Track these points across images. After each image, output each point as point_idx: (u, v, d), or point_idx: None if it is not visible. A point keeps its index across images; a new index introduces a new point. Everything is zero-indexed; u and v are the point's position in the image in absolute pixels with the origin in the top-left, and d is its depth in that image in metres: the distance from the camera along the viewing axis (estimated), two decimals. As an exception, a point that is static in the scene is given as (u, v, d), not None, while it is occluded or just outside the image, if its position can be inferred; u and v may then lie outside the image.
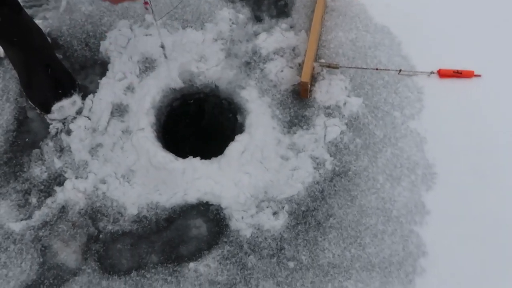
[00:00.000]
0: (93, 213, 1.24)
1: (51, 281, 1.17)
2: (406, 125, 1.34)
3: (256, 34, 1.47)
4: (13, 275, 1.18)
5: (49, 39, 1.42)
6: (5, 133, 1.33)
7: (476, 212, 1.23)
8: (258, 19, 1.51)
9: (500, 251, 1.19)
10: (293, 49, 1.45)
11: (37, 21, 1.41)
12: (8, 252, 1.20)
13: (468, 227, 1.21)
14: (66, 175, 1.27)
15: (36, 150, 1.31)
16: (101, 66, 1.42)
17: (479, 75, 1.41)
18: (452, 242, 1.20)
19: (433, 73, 1.41)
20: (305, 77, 1.32)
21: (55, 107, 1.31)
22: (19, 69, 1.35)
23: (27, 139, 1.33)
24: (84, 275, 1.18)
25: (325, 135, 1.32)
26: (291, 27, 1.49)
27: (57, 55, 1.40)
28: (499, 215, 1.23)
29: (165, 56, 1.31)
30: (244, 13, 1.51)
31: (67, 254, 1.20)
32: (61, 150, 1.31)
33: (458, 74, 1.40)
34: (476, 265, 1.17)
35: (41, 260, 1.19)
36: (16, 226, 1.22)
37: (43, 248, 1.20)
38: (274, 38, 1.46)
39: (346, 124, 1.34)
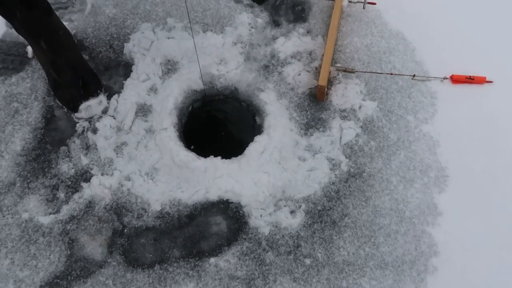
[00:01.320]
0: (118, 209, 1.29)
1: (78, 273, 1.23)
2: (419, 129, 1.39)
3: (274, 38, 1.52)
4: (42, 266, 1.23)
5: (75, 41, 1.47)
6: (34, 130, 1.39)
7: (487, 214, 1.27)
8: (276, 24, 1.56)
9: (511, 252, 1.23)
10: (310, 53, 1.50)
11: (64, 23, 1.46)
12: (38, 244, 1.26)
13: (479, 228, 1.26)
14: (92, 172, 1.33)
15: (64, 147, 1.37)
16: (125, 68, 1.48)
17: (490, 81, 1.45)
18: (463, 242, 1.24)
19: (446, 78, 1.45)
20: (323, 81, 1.37)
21: (82, 106, 1.37)
22: (47, 69, 1.40)
23: (54, 137, 1.38)
24: (110, 268, 1.23)
25: (340, 137, 1.36)
26: (308, 32, 1.54)
27: (83, 56, 1.46)
28: (509, 217, 1.27)
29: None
30: (263, 18, 1.56)
31: (93, 247, 1.25)
32: (88, 147, 1.36)
33: (470, 80, 1.44)
34: (486, 265, 1.22)
35: (69, 252, 1.25)
36: (45, 220, 1.28)
37: (70, 241, 1.26)
38: (292, 42, 1.51)
39: (361, 127, 1.39)
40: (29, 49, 1.49)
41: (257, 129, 1.41)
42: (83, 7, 1.58)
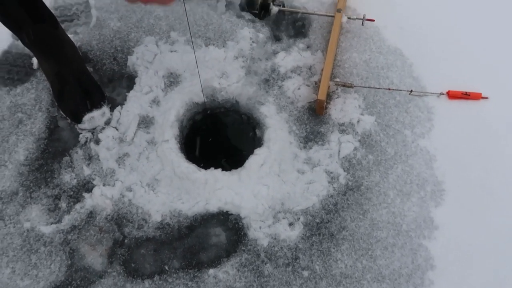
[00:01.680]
0: (119, 219, 1.31)
1: (79, 283, 1.24)
2: (416, 143, 1.41)
3: (275, 53, 1.55)
4: (43, 276, 1.25)
5: (80, 53, 1.50)
6: (37, 140, 1.41)
7: (483, 228, 1.29)
8: (277, 39, 1.59)
9: (508, 266, 1.25)
10: (310, 68, 1.53)
11: (69, 35, 1.50)
12: (39, 254, 1.27)
13: (475, 242, 1.28)
14: (94, 182, 1.35)
15: (66, 158, 1.39)
16: (128, 80, 1.51)
17: (486, 97, 1.48)
18: (460, 256, 1.26)
19: (443, 94, 1.49)
20: (322, 95, 1.40)
21: (86, 117, 1.39)
22: (52, 80, 1.43)
23: (57, 147, 1.40)
24: (110, 278, 1.24)
25: (339, 151, 1.39)
26: (308, 47, 1.57)
27: (88, 68, 1.49)
28: (506, 232, 1.29)
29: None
30: (264, 33, 1.59)
31: (94, 257, 1.27)
32: (90, 158, 1.38)
33: (466, 95, 1.47)
34: (482, 279, 1.23)
35: (69, 262, 1.26)
36: (46, 229, 1.29)
37: (71, 251, 1.27)
38: (292, 57, 1.54)
39: (359, 141, 1.41)
40: (34, 60, 1.52)
41: (257, 142, 1.43)
42: (88, 20, 1.62)
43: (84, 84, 1.42)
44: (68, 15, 1.64)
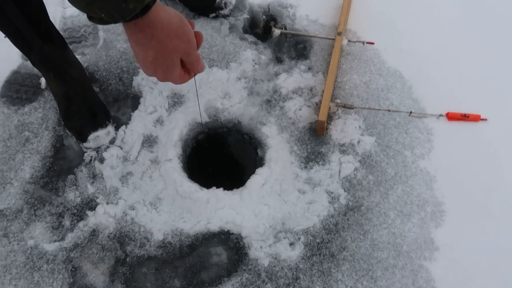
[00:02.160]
0: (122, 238, 1.32)
1: (80, 301, 1.25)
2: (416, 164, 1.43)
3: (276, 74, 1.59)
4: (45, 294, 1.25)
5: (87, 73, 1.54)
6: (43, 159, 1.44)
7: (484, 250, 1.29)
8: (279, 61, 1.63)
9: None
10: (311, 89, 1.56)
11: (77, 56, 1.54)
12: (41, 272, 1.28)
13: (476, 264, 1.28)
14: (98, 201, 1.37)
15: (71, 176, 1.41)
16: (133, 100, 1.54)
17: (485, 119, 1.50)
18: (461, 278, 1.26)
19: (442, 115, 1.51)
20: (323, 116, 1.42)
21: (91, 136, 1.42)
22: (59, 100, 1.47)
23: (63, 165, 1.43)
24: (111, 297, 1.25)
25: (339, 171, 1.41)
26: (309, 68, 1.61)
27: (94, 88, 1.52)
28: (507, 253, 1.29)
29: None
30: (266, 55, 1.63)
31: (96, 276, 1.28)
32: (94, 176, 1.41)
33: (465, 117, 1.50)
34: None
35: (71, 280, 1.27)
36: (50, 247, 1.31)
37: (73, 269, 1.28)
38: (294, 78, 1.57)
39: (360, 161, 1.43)
40: (43, 80, 1.57)
41: (258, 162, 1.45)
42: (96, 41, 1.66)
43: (90, 104, 1.45)
44: (76, 36, 1.69)
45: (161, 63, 0.87)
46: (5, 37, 1.31)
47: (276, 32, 1.66)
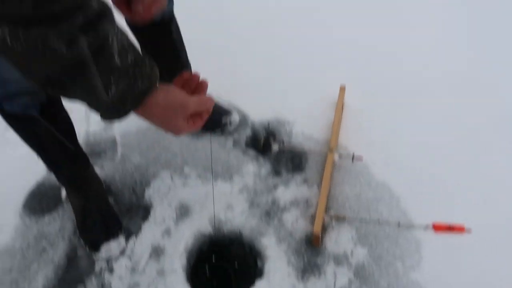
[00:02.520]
0: None
1: None
2: (407, 276, 1.51)
3: (275, 187, 1.75)
4: None
5: (104, 187, 1.71)
6: (56, 269, 1.54)
7: None
8: (277, 173, 1.80)
9: None
10: (306, 201, 1.71)
11: (96, 169, 1.72)
12: None
13: None
14: (105, 312, 1.43)
15: (81, 286, 1.50)
16: (144, 211, 1.68)
17: (469, 229, 1.61)
18: None
19: (429, 227, 1.62)
20: (317, 229, 1.54)
21: (104, 247, 1.53)
22: (77, 211, 1.61)
23: (74, 276, 1.52)
24: None
25: (335, 283, 1.48)
26: (305, 181, 1.77)
27: (109, 199, 1.68)
28: None
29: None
30: (266, 168, 1.81)
31: None
32: (103, 287, 1.49)
33: (450, 228, 1.61)
34: None
35: None
36: None
37: None
38: (291, 190, 1.73)
39: (353, 272, 1.51)
40: (63, 192, 1.73)
41: (258, 273, 1.54)
42: (114, 155, 1.86)
43: (105, 216, 1.59)
44: (97, 150, 1.90)
45: (173, 125, 0.84)
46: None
47: (275, 147, 1.86)
